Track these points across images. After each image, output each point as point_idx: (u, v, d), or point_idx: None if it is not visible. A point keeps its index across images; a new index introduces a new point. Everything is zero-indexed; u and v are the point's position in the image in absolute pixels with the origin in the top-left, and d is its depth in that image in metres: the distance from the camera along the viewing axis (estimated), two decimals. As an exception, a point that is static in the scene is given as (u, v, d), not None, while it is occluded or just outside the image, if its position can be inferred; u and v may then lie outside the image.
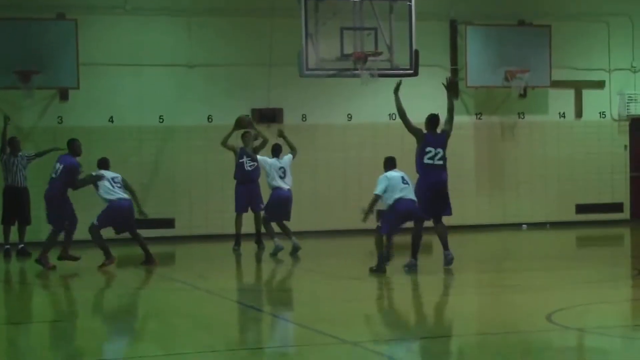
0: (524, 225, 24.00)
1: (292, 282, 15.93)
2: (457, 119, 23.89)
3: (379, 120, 23.43)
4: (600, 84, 24.97)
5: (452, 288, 14.48)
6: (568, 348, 9.90)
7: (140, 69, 22.38)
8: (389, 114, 23.40)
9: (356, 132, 23.32)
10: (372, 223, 16.10)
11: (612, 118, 25.04)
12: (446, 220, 17.62)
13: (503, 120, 24.32)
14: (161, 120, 22.41)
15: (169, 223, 22.29)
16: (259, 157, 18.92)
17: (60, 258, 16.86)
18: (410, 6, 19.60)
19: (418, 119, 23.47)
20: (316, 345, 9.95)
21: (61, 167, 16.61)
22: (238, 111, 22.69)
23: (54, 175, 16.64)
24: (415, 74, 20.14)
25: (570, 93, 24.80)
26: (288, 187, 18.58)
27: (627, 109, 24.98)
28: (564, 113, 24.82)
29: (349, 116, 23.44)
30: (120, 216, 16.76)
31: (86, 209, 17.78)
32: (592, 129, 24.82)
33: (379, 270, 15.06)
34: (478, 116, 24.29)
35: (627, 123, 25.12)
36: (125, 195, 16.85)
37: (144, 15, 22.41)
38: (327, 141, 23.23)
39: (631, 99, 24.95)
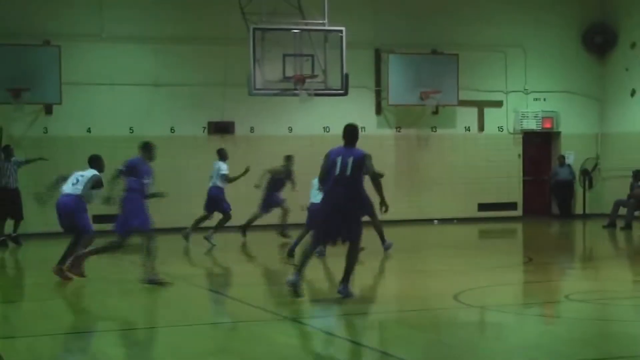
0: (435, 221, 24.15)
1: (238, 267, 15.83)
2: (381, 131, 24.26)
3: (315, 132, 23.47)
4: (498, 103, 25.19)
5: (376, 272, 14.52)
6: (472, 323, 9.99)
7: (114, 88, 22.24)
8: (323, 127, 23.52)
9: (296, 142, 23.31)
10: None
11: (508, 132, 25.28)
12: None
13: (419, 132, 24.46)
14: (131, 131, 22.26)
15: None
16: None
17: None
18: (341, 37, 19.69)
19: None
20: (261, 320, 9.95)
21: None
22: (197, 123, 22.69)
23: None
24: (346, 94, 20.26)
25: (474, 111, 24.99)
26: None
27: (521, 124, 25.25)
28: (469, 127, 25.01)
29: (290, 128, 23.45)
30: (59, 212, 13.64)
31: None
32: (492, 140, 25.05)
33: None
34: (398, 129, 24.41)
35: (521, 136, 25.39)
36: (71, 191, 13.65)
37: (117, 42, 22.25)
38: (271, 150, 23.16)
39: (524, 116, 25.21)
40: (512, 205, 25.21)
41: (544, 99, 25.49)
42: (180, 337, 9.23)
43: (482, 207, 24.93)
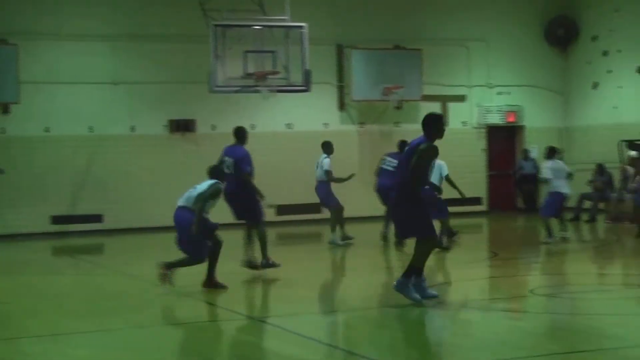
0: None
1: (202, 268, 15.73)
2: (344, 127, 24.29)
3: (277, 129, 23.47)
4: (462, 98, 25.32)
5: (339, 270, 14.53)
6: (439, 319, 9.98)
7: (73, 86, 22.06)
8: (286, 124, 23.54)
9: (258, 139, 23.23)
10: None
11: (472, 126, 25.42)
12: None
13: (382, 128, 24.51)
14: (91, 130, 22.12)
15: (97, 218, 22.06)
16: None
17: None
18: (303, 32, 19.68)
19: (309, 128, 23.73)
20: (226, 321, 9.94)
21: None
22: (158, 122, 22.57)
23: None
24: (308, 90, 20.24)
25: (437, 106, 25.02)
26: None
27: (485, 119, 25.40)
28: (432, 122, 25.09)
29: (252, 126, 23.37)
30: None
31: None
32: (456, 135, 25.11)
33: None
34: (361, 125, 24.45)
35: (485, 130, 25.53)
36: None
37: (75, 40, 22.07)
38: (234, 147, 23.13)
39: (487, 110, 25.37)
40: (477, 200, 25.34)
41: (508, 93, 25.64)
42: (142, 338, 9.19)
43: (447, 202, 24.96)
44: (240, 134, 14.48)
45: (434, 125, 10.81)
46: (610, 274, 13.91)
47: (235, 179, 13.57)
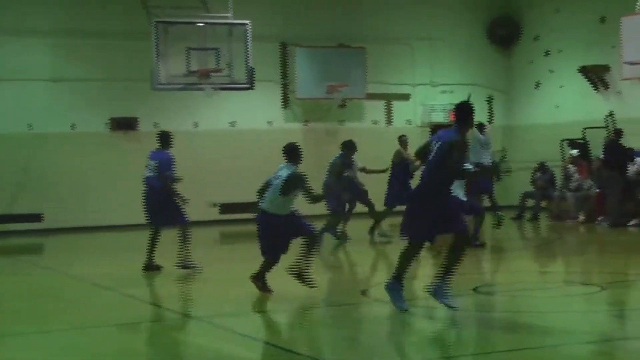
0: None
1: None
2: (289, 125, 24.25)
3: (221, 127, 23.35)
4: (406, 96, 25.42)
5: (282, 269, 14.43)
6: (381, 318, 10.03)
7: (11, 83, 21.71)
8: (230, 122, 23.43)
9: (202, 137, 23.16)
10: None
11: (416, 125, 25.52)
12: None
13: (327, 126, 24.51)
14: (30, 127, 21.80)
15: (36, 217, 21.75)
16: None
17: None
18: (246, 30, 19.62)
19: (253, 126, 23.67)
20: (168, 321, 9.87)
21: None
22: (99, 119, 22.33)
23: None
24: (252, 87, 20.19)
25: (382, 104, 25.14)
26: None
27: (429, 117, 25.53)
28: (377, 120, 25.17)
29: (196, 124, 23.26)
30: None
31: None
32: (400, 133, 25.22)
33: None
34: (305, 123, 24.43)
35: (429, 129, 25.63)
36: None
37: (14, 37, 21.74)
38: (177, 145, 22.90)
39: (432, 109, 25.49)
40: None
41: (451, 92, 25.79)
42: (83, 339, 9.08)
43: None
44: (164, 138, 14.52)
45: (469, 116, 10.42)
46: (553, 271, 14.06)
47: (157, 181, 13.85)
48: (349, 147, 17.99)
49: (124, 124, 22.49)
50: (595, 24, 23.23)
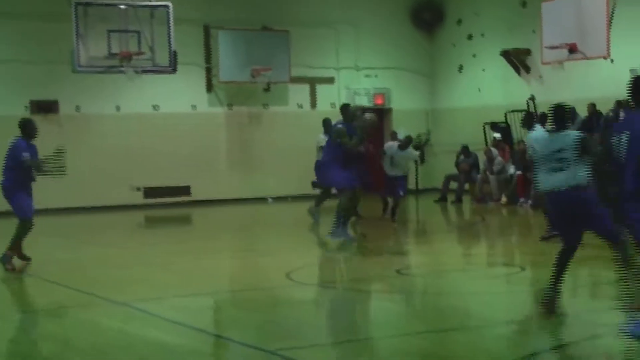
0: (269, 199, 24.23)
1: (68, 252, 15.39)
2: (212, 109, 24.10)
3: (144, 111, 23.10)
4: (330, 80, 25.44)
5: (208, 252, 14.40)
6: (305, 301, 10.06)
7: None
8: (153, 105, 23.19)
9: (124, 121, 22.91)
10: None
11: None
12: (199, 194, 17.48)
13: (251, 110, 24.43)
14: (-53, 111, 21.35)
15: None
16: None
17: None
18: (168, 12, 19.46)
19: (176, 109, 23.47)
20: (89, 306, 9.74)
21: None
22: (18, 102, 21.90)
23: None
24: (174, 71, 20.07)
25: (306, 87, 25.14)
26: None
27: (353, 101, 25.57)
28: (301, 104, 25.16)
29: (118, 107, 22.97)
30: None
31: None
32: (325, 117, 25.26)
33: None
34: (229, 107, 24.30)
35: (353, 112, 25.70)
36: None
37: None
38: (99, 129, 22.70)
39: (356, 93, 25.56)
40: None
41: (375, 76, 25.91)
42: (2, 325, 8.92)
43: (317, 184, 25.12)
44: (24, 127, 12.61)
45: None
46: (475, 253, 14.23)
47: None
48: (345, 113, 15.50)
49: (45, 107, 22.08)
50: (517, 8, 23.51)
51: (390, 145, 17.82)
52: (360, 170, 15.26)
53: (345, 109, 15.10)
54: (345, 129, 14.34)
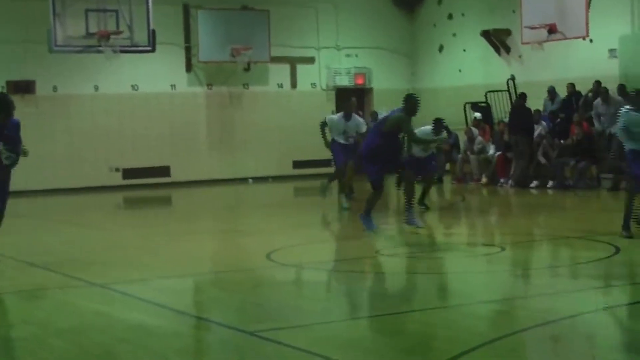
0: (250, 180, 24.22)
1: (46, 234, 15.32)
2: (192, 89, 24.03)
3: (122, 91, 23.02)
4: (311, 60, 25.43)
5: (186, 234, 14.37)
6: (286, 282, 10.05)
7: None
8: (132, 85, 23.09)
9: (103, 101, 22.81)
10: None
11: (321, 88, 25.58)
12: (179, 175, 17.42)
13: (231, 90, 24.40)
14: None
15: None
16: None
17: None
18: (147, -9, 19.34)
19: (156, 89, 23.37)
20: (69, 288, 9.71)
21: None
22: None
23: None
24: (153, 50, 19.98)
25: (286, 67, 25.12)
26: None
27: (334, 81, 25.58)
28: (282, 84, 25.14)
29: (96, 87, 22.86)
30: None
31: None
32: (305, 97, 25.28)
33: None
34: (209, 87, 24.24)
35: (334, 92, 25.73)
36: None
37: None
38: (77, 109, 22.60)
39: (336, 73, 25.56)
40: (327, 162, 25.52)
41: (356, 55, 25.89)
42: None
43: (297, 164, 25.17)
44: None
45: None
46: (455, 233, 14.26)
47: None
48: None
49: (22, 87, 21.95)
50: (497, -12, 23.54)
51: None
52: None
53: (411, 98, 12.89)
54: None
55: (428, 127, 16.60)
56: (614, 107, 17.78)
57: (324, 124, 17.02)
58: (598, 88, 19.93)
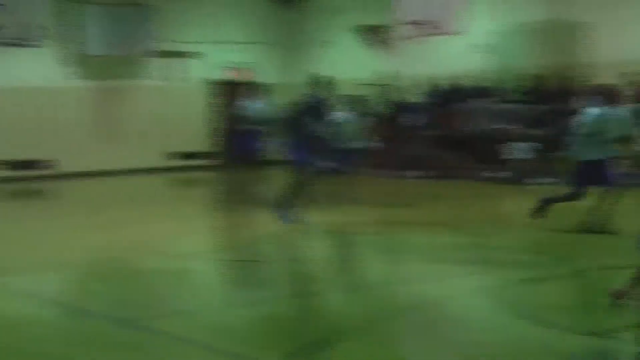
0: (127, 172, 24.11)
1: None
2: (76, 83, 23.69)
3: (6, 86, 22.72)
4: (195, 54, 25.27)
5: (69, 227, 14.18)
6: (168, 271, 10.11)
7: None
8: (14, 79, 22.77)
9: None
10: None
11: (197, 81, 25.63)
12: (64, 167, 16.87)
13: (115, 84, 24.28)
14: None
15: None
16: None
17: None
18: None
19: (41, 84, 23.11)
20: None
21: None
22: None
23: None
24: (39, 45, 19.71)
25: (164, 61, 24.96)
26: None
27: (215, 75, 25.60)
28: (167, 78, 25.03)
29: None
30: None
31: None
32: (181, 90, 25.27)
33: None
34: (94, 81, 24.05)
35: (210, 85, 25.82)
36: None
37: None
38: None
39: (218, 66, 25.66)
40: (202, 155, 25.77)
41: (239, 50, 26.10)
42: None
43: (173, 156, 25.35)
44: None
45: None
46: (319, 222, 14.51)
47: None
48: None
49: None
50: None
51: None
52: None
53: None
54: None
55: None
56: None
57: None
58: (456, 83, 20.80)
